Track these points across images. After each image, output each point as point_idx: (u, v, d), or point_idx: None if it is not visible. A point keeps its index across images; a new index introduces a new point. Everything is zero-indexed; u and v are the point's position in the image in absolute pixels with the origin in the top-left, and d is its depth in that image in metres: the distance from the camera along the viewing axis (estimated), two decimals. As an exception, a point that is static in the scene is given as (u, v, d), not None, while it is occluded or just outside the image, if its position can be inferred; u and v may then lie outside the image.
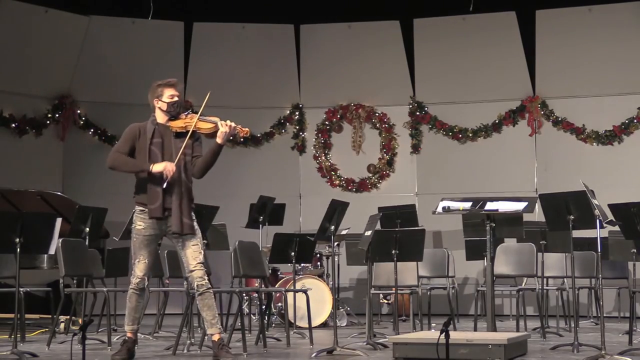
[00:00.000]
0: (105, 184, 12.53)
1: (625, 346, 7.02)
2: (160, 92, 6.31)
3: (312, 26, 13.19)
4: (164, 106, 6.28)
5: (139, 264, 6.21)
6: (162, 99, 6.29)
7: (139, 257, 6.20)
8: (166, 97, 6.29)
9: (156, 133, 6.23)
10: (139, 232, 6.19)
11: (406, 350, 6.29)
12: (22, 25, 12.01)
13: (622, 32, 12.13)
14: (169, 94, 6.29)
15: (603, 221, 6.39)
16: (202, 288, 6.13)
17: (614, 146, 12.15)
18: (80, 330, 5.21)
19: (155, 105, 6.32)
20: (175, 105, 6.28)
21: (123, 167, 6.23)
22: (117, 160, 6.21)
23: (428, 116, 12.86)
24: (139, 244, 6.20)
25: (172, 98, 6.29)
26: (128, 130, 6.31)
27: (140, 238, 6.19)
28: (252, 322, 9.12)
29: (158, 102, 6.31)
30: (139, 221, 6.19)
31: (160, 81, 6.39)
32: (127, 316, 6.32)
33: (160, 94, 6.30)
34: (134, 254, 6.23)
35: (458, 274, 11.05)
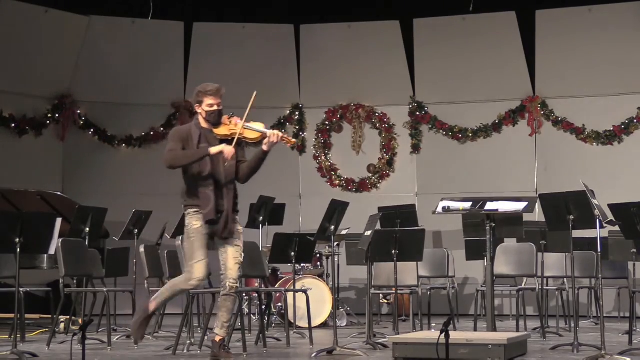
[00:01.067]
0: (105, 184, 12.57)
1: (625, 346, 7.02)
2: (201, 99, 6.27)
3: (312, 26, 13.19)
4: (203, 114, 6.26)
5: (199, 265, 6.06)
6: (202, 106, 6.27)
7: (199, 257, 6.07)
8: (205, 106, 6.26)
9: (202, 138, 6.19)
10: (198, 231, 6.08)
11: (406, 350, 6.29)
12: (22, 25, 12.00)
13: (622, 32, 12.13)
14: (209, 102, 6.26)
15: (603, 221, 6.39)
16: (231, 290, 6.10)
17: (614, 146, 12.15)
18: (80, 330, 5.21)
19: (198, 111, 6.31)
20: (214, 114, 6.26)
21: (183, 161, 6.13)
22: (174, 157, 6.13)
23: (428, 116, 12.86)
24: (198, 242, 6.08)
25: (212, 107, 6.27)
26: (176, 133, 6.27)
27: (199, 236, 6.08)
28: (252, 322, 9.12)
29: (199, 108, 6.29)
30: (195, 220, 6.10)
31: (201, 87, 6.33)
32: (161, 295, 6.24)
33: (201, 101, 6.27)
34: (190, 255, 6.08)
35: (458, 274, 11.05)
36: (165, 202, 12.06)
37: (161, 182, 12.83)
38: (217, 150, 6.09)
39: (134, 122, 12.90)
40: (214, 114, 6.26)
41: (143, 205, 9.49)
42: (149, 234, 9.62)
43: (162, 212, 10.33)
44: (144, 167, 12.82)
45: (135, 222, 9.02)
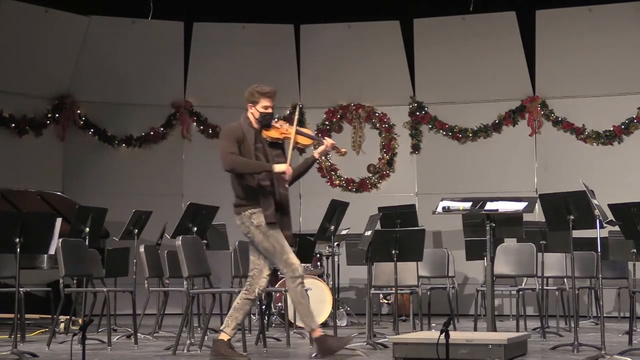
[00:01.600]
0: (105, 184, 12.57)
1: (625, 346, 7.02)
2: (257, 99, 6.18)
3: (312, 26, 13.19)
4: (256, 114, 6.18)
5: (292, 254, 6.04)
6: (257, 107, 6.18)
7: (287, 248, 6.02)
8: (260, 107, 6.17)
9: (257, 138, 6.14)
10: (272, 226, 6.01)
11: (406, 350, 6.29)
12: (22, 25, 12.00)
13: (622, 32, 12.13)
14: (264, 104, 6.17)
15: (603, 221, 6.39)
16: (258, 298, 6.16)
17: (614, 146, 12.15)
18: (80, 330, 5.21)
19: (249, 109, 6.22)
20: (268, 117, 6.19)
21: (244, 169, 6.08)
22: (237, 162, 6.06)
23: (428, 116, 12.86)
24: (280, 235, 6.03)
25: (267, 109, 6.18)
26: (231, 131, 6.15)
27: (276, 230, 6.02)
28: (252, 322, 9.12)
29: (252, 107, 6.21)
30: (262, 218, 6.04)
31: (259, 88, 6.22)
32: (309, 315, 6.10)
33: (256, 102, 6.19)
34: (281, 248, 6.01)
35: (458, 274, 11.06)
36: (165, 202, 12.11)
37: (161, 182, 12.88)
38: (281, 170, 6.02)
39: (134, 122, 12.90)
40: (267, 117, 6.17)
41: (143, 205, 9.48)
42: (149, 234, 9.62)
43: (162, 212, 10.33)
44: (144, 167, 12.83)
45: (135, 222, 9.02)
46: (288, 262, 6.00)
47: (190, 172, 13.04)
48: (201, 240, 7.58)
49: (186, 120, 13.05)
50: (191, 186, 12.88)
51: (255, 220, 6.05)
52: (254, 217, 6.06)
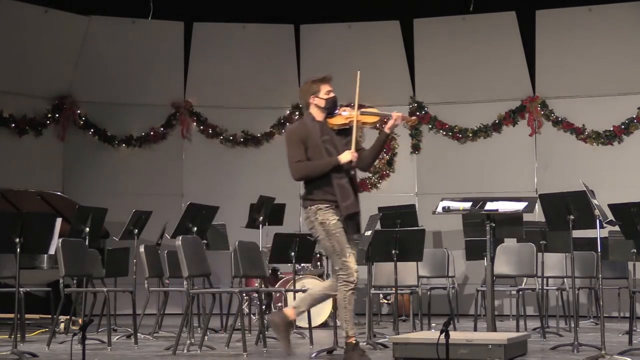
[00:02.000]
0: (105, 184, 12.57)
1: (625, 346, 7.02)
2: (317, 88, 6.10)
3: (312, 26, 13.19)
4: (322, 102, 6.07)
5: (352, 258, 5.85)
6: (320, 95, 6.09)
7: (348, 251, 5.84)
8: (323, 94, 6.09)
9: (323, 130, 6.02)
10: (337, 225, 5.84)
11: (406, 350, 6.29)
12: (22, 25, 12.00)
13: (622, 32, 12.13)
14: (326, 89, 6.10)
15: (603, 221, 6.39)
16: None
17: (614, 146, 12.15)
18: (80, 330, 5.21)
19: (312, 103, 6.08)
20: (333, 101, 6.10)
21: (314, 172, 5.94)
22: (304, 169, 5.94)
23: (428, 116, 12.86)
24: (343, 236, 5.84)
25: (329, 94, 6.10)
26: (293, 133, 6.03)
27: (340, 230, 5.83)
28: (252, 322, 9.12)
29: (314, 99, 6.09)
30: (332, 215, 5.85)
31: (314, 77, 6.17)
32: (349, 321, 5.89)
33: (317, 91, 6.09)
34: (341, 250, 5.83)
35: (458, 274, 11.06)
36: (165, 202, 12.11)
37: (161, 182, 12.88)
38: (347, 160, 5.90)
39: (134, 122, 12.90)
40: (332, 100, 6.09)
41: (143, 205, 9.48)
42: (149, 234, 9.62)
43: (162, 212, 10.33)
44: (144, 167, 12.83)
45: (135, 222, 9.02)
46: (346, 265, 5.85)
47: (190, 172, 13.04)
48: (201, 240, 7.58)
49: (186, 120, 13.05)
50: (191, 186, 12.88)
51: (320, 217, 5.90)
52: (319, 214, 5.91)
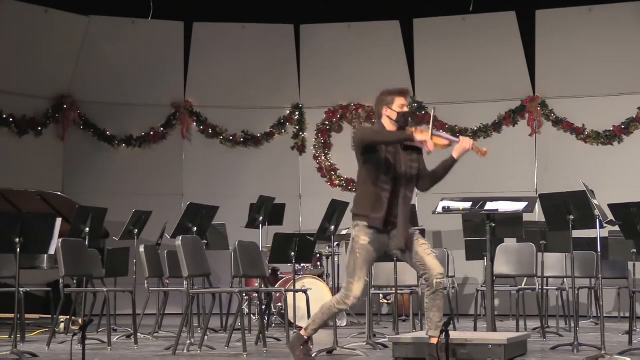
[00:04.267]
0: (105, 184, 12.57)
1: (625, 346, 7.02)
2: (391, 100, 5.92)
3: (312, 26, 13.19)
4: (394, 115, 5.90)
5: (359, 283, 5.78)
6: (392, 107, 5.91)
7: (360, 275, 5.79)
8: (396, 106, 5.91)
9: None
10: (364, 247, 5.79)
11: (406, 350, 6.29)
12: (22, 25, 12.00)
13: (622, 32, 12.13)
14: (400, 103, 5.93)
15: (603, 221, 6.39)
16: (439, 287, 5.75)
17: (614, 146, 12.15)
18: (80, 330, 5.21)
19: (384, 114, 5.93)
20: (405, 115, 5.96)
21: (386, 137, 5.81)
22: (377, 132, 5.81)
23: (428, 116, 12.84)
24: (363, 260, 5.80)
25: (402, 108, 5.93)
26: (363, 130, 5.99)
27: (364, 253, 5.79)
28: (252, 322, 9.12)
29: (387, 110, 5.92)
30: (363, 235, 5.81)
31: (390, 88, 5.99)
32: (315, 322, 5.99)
33: (391, 102, 5.92)
34: (352, 271, 5.78)
35: (458, 274, 11.06)
36: (165, 202, 12.11)
37: (161, 182, 12.88)
38: (423, 139, 5.72)
39: (134, 122, 12.90)
40: (405, 115, 5.95)
41: (143, 205, 9.48)
42: (149, 234, 9.62)
43: (162, 212, 10.33)
44: (144, 167, 12.83)
45: (135, 222, 9.02)
46: (350, 288, 5.82)
47: (190, 172, 13.04)
48: (201, 240, 7.58)
49: (186, 120, 13.05)
50: (191, 186, 12.88)
51: (354, 232, 5.90)
52: (356, 229, 5.89)
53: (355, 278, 5.80)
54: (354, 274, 5.81)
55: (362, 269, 5.81)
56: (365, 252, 5.81)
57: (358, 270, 5.80)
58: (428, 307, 5.82)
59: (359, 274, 5.80)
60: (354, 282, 5.81)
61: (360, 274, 5.81)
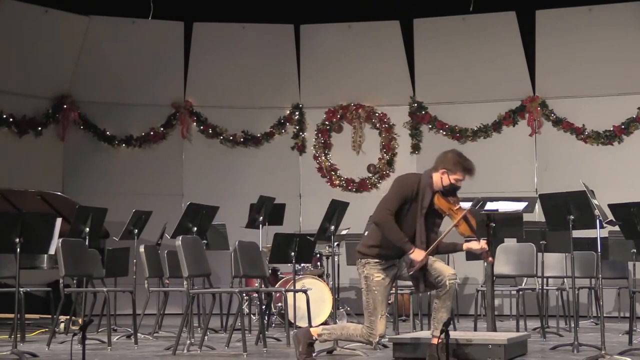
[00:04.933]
0: (105, 184, 12.57)
1: (625, 346, 7.02)
2: (454, 170, 5.86)
3: (312, 26, 13.19)
4: (445, 181, 5.86)
5: (382, 320, 5.88)
6: (449, 175, 5.86)
7: (381, 312, 5.87)
8: (453, 178, 5.87)
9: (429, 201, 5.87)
10: (380, 284, 5.87)
11: (406, 350, 6.29)
12: (22, 25, 12.00)
13: (622, 32, 12.13)
14: (458, 177, 5.88)
15: (603, 221, 6.39)
16: (453, 286, 5.84)
17: (614, 146, 12.15)
18: (80, 330, 5.21)
19: (440, 172, 5.88)
20: (454, 188, 5.92)
21: (388, 234, 5.79)
22: (387, 225, 5.77)
23: (428, 116, 12.86)
24: (382, 297, 5.88)
25: (457, 182, 5.89)
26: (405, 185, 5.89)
27: (381, 290, 5.87)
28: (252, 322, 9.12)
29: (445, 173, 5.86)
30: (377, 272, 5.88)
31: (464, 161, 5.89)
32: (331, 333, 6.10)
33: (453, 171, 5.86)
34: (374, 309, 5.86)
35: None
36: (165, 202, 12.11)
37: (161, 182, 12.88)
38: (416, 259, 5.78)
39: (134, 122, 12.90)
40: (454, 188, 5.91)
41: (143, 205, 9.48)
42: (149, 234, 9.62)
43: (162, 212, 10.33)
44: (144, 167, 12.83)
45: (135, 222, 9.02)
46: (373, 325, 5.88)
47: (190, 172, 13.04)
48: (201, 240, 7.58)
49: (186, 120, 13.06)
50: (191, 186, 12.88)
51: (366, 271, 5.92)
52: (367, 267, 5.91)
53: (377, 316, 5.89)
54: (376, 312, 5.89)
55: (382, 305, 5.89)
56: (382, 288, 5.90)
57: (379, 307, 5.89)
58: (437, 307, 5.89)
59: (380, 312, 5.89)
60: (376, 320, 5.89)
61: (382, 310, 5.89)
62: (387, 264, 5.91)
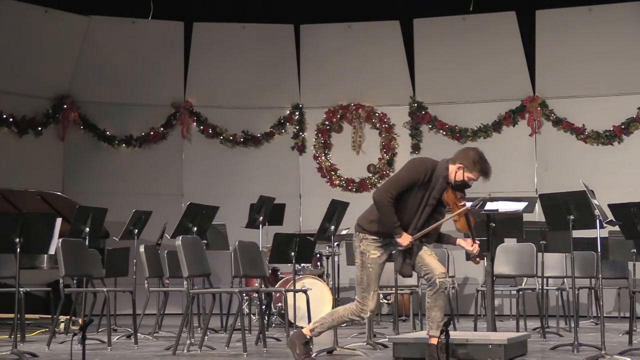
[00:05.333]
0: (105, 184, 12.57)
1: (625, 346, 7.02)
2: (471, 168, 5.82)
3: (312, 26, 13.19)
4: (459, 177, 5.82)
5: (374, 296, 5.92)
6: (465, 172, 5.82)
7: (374, 288, 5.91)
8: (467, 176, 5.84)
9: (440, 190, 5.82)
10: (375, 262, 5.89)
11: (406, 350, 6.29)
12: (22, 25, 12.00)
13: (622, 32, 12.13)
14: (472, 176, 5.85)
15: (603, 221, 6.39)
16: (443, 286, 5.80)
17: (614, 146, 12.15)
18: (80, 330, 5.21)
19: (457, 167, 5.83)
20: (465, 186, 5.91)
21: (382, 215, 5.80)
22: (384, 207, 5.76)
23: (428, 116, 12.86)
24: (376, 274, 5.90)
25: (469, 180, 5.86)
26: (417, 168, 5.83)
27: (376, 267, 5.89)
28: (252, 322, 9.12)
29: (460, 169, 5.82)
30: (374, 250, 5.89)
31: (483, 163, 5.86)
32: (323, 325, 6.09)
33: (469, 169, 5.83)
34: (367, 286, 5.88)
35: (458, 274, 11.05)
36: (165, 202, 12.12)
37: (161, 182, 12.88)
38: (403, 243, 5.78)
39: (134, 122, 12.90)
40: (465, 184, 5.89)
41: (143, 205, 9.49)
42: (149, 234, 9.62)
43: (162, 212, 10.33)
44: (144, 167, 12.83)
45: (135, 222, 9.02)
46: (365, 301, 5.92)
47: (190, 172, 13.04)
48: (201, 240, 7.58)
49: (186, 120, 13.06)
50: (191, 186, 12.88)
51: (363, 247, 5.93)
52: (364, 243, 5.93)
53: (370, 292, 5.91)
54: (369, 288, 5.92)
55: (375, 282, 5.93)
56: (377, 266, 5.93)
57: (372, 284, 5.92)
58: (430, 306, 5.86)
59: (373, 288, 5.92)
60: (369, 296, 5.92)
61: (375, 287, 5.92)
62: (384, 242, 5.91)
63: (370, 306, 5.93)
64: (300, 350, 6.01)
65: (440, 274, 5.83)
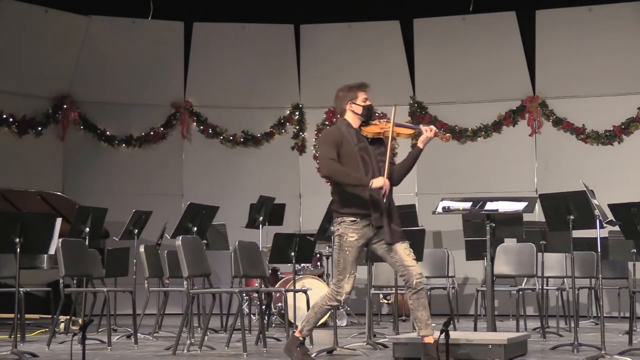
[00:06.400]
0: (105, 184, 12.57)
1: (625, 346, 7.02)
2: (354, 95, 6.00)
3: (312, 26, 13.19)
4: (359, 109, 5.97)
5: (350, 279, 5.87)
6: (357, 101, 5.98)
7: (350, 271, 5.85)
8: (360, 101, 5.98)
9: (359, 137, 5.91)
10: (352, 245, 5.83)
11: (406, 350, 6.30)
12: (22, 25, 12.00)
13: (622, 32, 12.14)
14: (363, 97, 5.99)
15: (603, 221, 6.39)
16: (419, 286, 5.79)
17: (614, 146, 12.15)
18: (80, 330, 5.21)
19: (348, 109, 5.99)
20: (370, 108, 6.00)
21: (341, 178, 5.81)
22: (335, 170, 5.80)
23: (428, 116, 12.85)
24: (353, 257, 5.85)
25: (366, 102, 6.00)
26: (328, 136, 5.96)
27: (353, 250, 5.84)
28: (252, 322, 9.12)
29: (352, 105, 5.99)
30: (352, 232, 5.83)
31: (350, 84, 6.07)
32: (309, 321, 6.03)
33: (354, 97, 6.00)
34: (343, 269, 5.85)
35: (458, 274, 11.05)
36: (165, 202, 12.11)
37: (161, 182, 12.88)
38: (378, 185, 5.72)
39: (134, 122, 12.90)
40: (369, 108, 5.99)
41: (143, 205, 9.49)
42: (149, 234, 9.62)
43: (162, 212, 10.33)
44: (144, 167, 12.83)
45: (135, 222, 9.02)
46: (340, 284, 5.89)
47: (190, 172, 13.04)
48: (201, 240, 7.58)
49: (186, 120, 13.06)
50: (191, 186, 12.88)
51: (341, 230, 5.89)
52: (342, 226, 5.88)
53: (346, 275, 5.88)
54: (345, 271, 5.88)
55: (352, 266, 5.88)
56: (355, 249, 5.88)
57: (348, 267, 5.87)
58: (414, 307, 5.88)
59: (349, 271, 5.88)
60: (344, 279, 5.89)
61: (351, 270, 5.88)
62: (362, 223, 5.85)
63: (345, 289, 5.89)
64: (297, 353, 6.00)
65: (417, 275, 5.82)
